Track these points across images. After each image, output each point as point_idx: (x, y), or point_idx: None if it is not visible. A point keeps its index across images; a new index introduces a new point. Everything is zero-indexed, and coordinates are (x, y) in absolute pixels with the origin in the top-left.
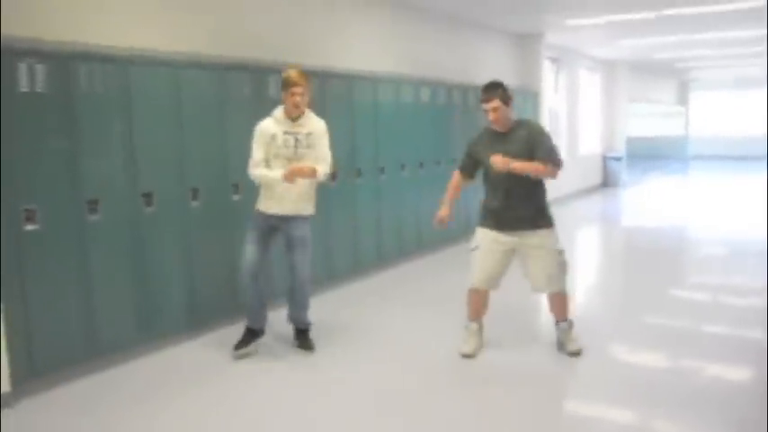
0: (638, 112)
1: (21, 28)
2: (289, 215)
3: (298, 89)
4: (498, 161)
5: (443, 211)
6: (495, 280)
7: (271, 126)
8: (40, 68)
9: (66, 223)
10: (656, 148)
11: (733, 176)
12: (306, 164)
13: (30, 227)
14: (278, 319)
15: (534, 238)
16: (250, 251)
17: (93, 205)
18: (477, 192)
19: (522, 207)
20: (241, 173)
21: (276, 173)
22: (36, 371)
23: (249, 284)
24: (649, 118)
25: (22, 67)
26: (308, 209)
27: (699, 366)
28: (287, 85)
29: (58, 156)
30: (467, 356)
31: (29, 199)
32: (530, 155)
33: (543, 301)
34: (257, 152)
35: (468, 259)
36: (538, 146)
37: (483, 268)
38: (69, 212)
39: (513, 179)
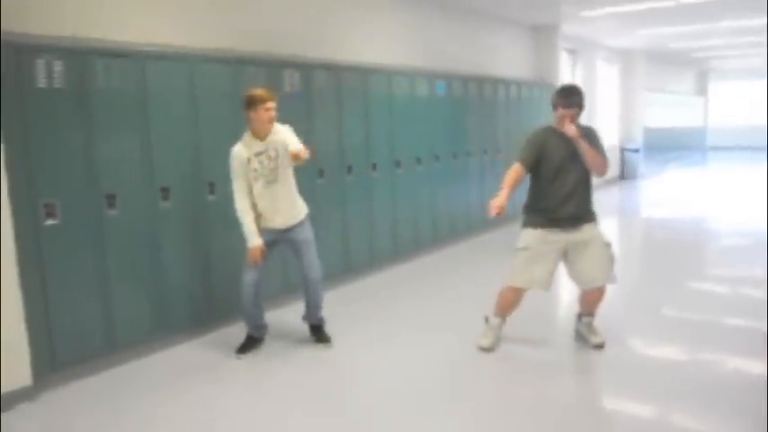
0: (655, 102)
1: (38, 25)
2: (288, 226)
3: (271, 104)
4: (571, 129)
5: (502, 200)
6: (545, 281)
7: (243, 152)
8: (57, 64)
9: (85, 218)
10: (675, 138)
11: (753, 167)
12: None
13: (50, 222)
14: (282, 316)
15: (585, 232)
16: (251, 270)
17: (111, 200)
18: (488, 185)
19: (579, 203)
20: None
21: (251, 233)
22: (56, 365)
23: (249, 297)
24: (667, 108)
25: (40, 64)
26: (302, 212)
27: (718, 359)
28: (259, 102)
29: (76, 151)
30: (485, 350)
31: (49, 194)
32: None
33: (555, 296)
34: (239, 183)
35: (511, 257)
36: (595, 143)
37: (530, 269)
38: (88, 207)
39: (578, 175)
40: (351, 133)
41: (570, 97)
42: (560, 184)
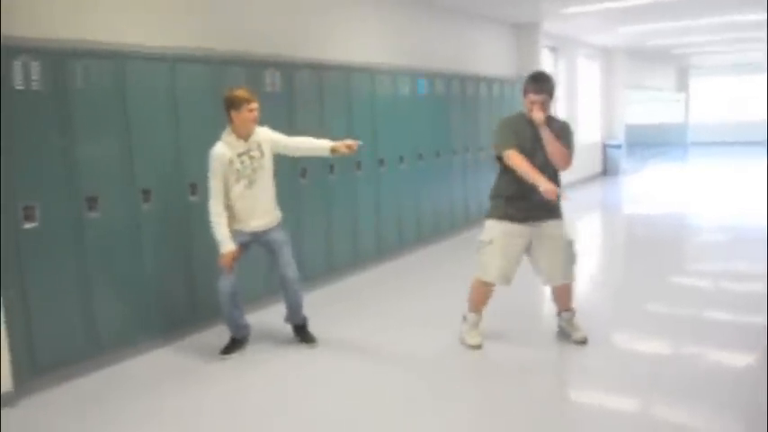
0: (637, 99)
1: (15, 26)
2: (265, 228)
3: (254, 105)
4: (538, 116)
5: (548, 183)
6: (511, 275)
7: (226, 152)
8: (35, 66)
9: (65, 221)
10: (656, 135)
11: (733, 162)
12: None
13: (29, 225)
14: (264, 317)
15: (551, 228)
16: (225, 276)
17: (92, 203)
18: (471, 182)
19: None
20: None
21: (224, 237)
22: (37, 369)
23: (227, 303)
24: (648, 105)
25: (17, 65)
26: (278, 216)
27: (700, 353)
28: (241, 102)
29: (55, 153)
30: (476, 347)
31: (27, 197)
32: None
33: (538, 292)
34: (216, 183)
35: (475, 252)
36: (564, 137)
37: (499, 263)
38: (68, 210)
39: (542, 165)
40: (333, 133)
41: (540, 83)
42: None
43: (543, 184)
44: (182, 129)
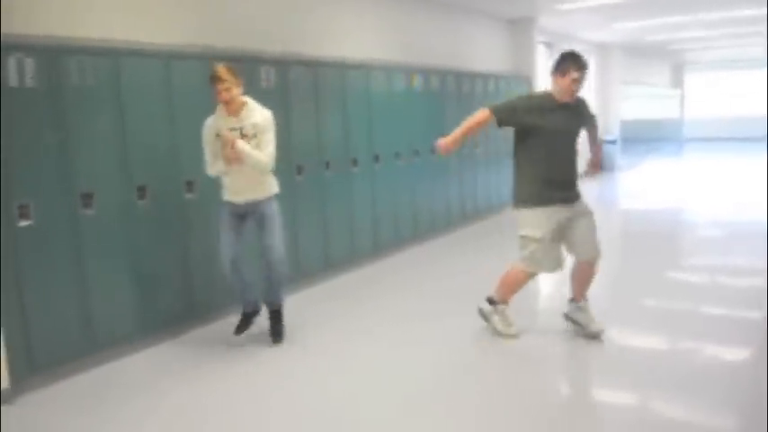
0: (632, 94)
1: (9, 23)
2: (255, 200)
3: (222, 85)
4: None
5: (452, 143)
6: (564, 260)
7: (213, 123)
8: (29, 63)
9: (60, 218)
10: (652, 130)
11: (729, 158)
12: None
13: (24, 223)
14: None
15: (582, 206)
16: (225, 239)
17: (87, 199)
18: (467, 179)
19: (574, 177)
20: None
21: (220, 164)
22: (34, 367)
23: (230, 271)
24: (644, 100)
25: (11, 62)
26: (271, 189)
27: (697, 348)
28: (212, 82)
29: (49, 150)
30: (515, 336)
31: (22, 195)
32: (580, 125)
33: (538, 285)
34: (206, 152)
35: (519, 248)
36: (590, 119)
37: (554, 255)
38: (63, 207)
39: (572, 146)
40: (329, 129)
41: (580, 58)
42: (561, 156)
43: (441, 140)
44: (176, 125)
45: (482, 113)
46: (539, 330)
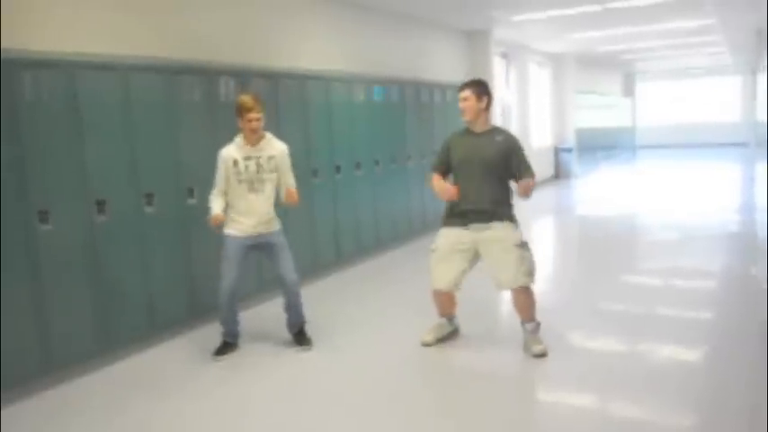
0: (586, 104)
1: None
2: (266, 232)
3: (254, 115)
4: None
5: (453, 189)
6: (455, 281)
7: (232, 152)
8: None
9: (16, 235)
10: (605, 138)
11: (679, 164)
12: (289, 190)
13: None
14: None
15: (496, 232)
16: (230, 273)
17: (43, 215)
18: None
19: (486, 198)
20: (194, 177)
21: (215, 205)
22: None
23: (227, 305)
24: (598, 110)
25: None
26: (278, 223)
27: (653, 349)
28: (242, 111)
29: (5, 164)
30: (425, 344)
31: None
32: (504, 162)
33: (501, 295)
34: (219, 180)
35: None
36: (517, 159)
37: (443, 269)
38: (18, 224)
39: (481, 170)
40: (290, 140)
41: (463, 84)
42: (465, 178)
43: (444, 193)
44: (136, 139)
45: (432, 177)
46: (499, 338)
